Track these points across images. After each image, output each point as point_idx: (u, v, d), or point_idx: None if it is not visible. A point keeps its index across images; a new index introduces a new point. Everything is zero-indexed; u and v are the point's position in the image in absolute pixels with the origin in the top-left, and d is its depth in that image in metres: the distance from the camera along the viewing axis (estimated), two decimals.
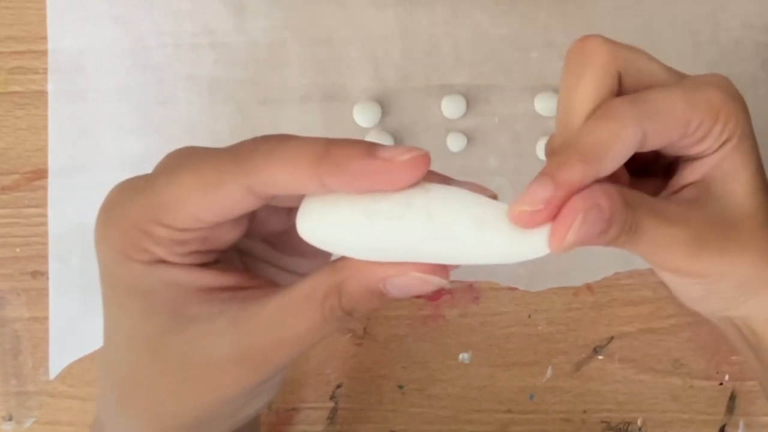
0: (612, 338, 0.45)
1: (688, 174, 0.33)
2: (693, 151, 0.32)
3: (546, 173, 0.28)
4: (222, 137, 0.45)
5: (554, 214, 0.28)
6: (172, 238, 0.29)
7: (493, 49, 0.46)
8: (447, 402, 0.46)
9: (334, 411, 0.45)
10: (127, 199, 0.30)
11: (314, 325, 0.29)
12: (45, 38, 0.46)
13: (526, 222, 0.27)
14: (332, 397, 0.45)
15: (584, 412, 0.46)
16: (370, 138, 0.45)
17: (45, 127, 0.46)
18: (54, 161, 0.45)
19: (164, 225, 0.29)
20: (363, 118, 0.45)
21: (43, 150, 0.46)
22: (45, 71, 0.46)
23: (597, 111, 0.30)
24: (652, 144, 0.30)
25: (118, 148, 0.45)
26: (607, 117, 0.30)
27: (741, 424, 0.45)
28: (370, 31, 0.46)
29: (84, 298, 0.45)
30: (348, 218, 0.27)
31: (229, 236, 0.31)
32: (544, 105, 0.45)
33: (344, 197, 0.28)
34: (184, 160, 0.30)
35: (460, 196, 0.28)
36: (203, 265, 0.31)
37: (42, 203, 0.46)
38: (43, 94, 0.46)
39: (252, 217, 0.32)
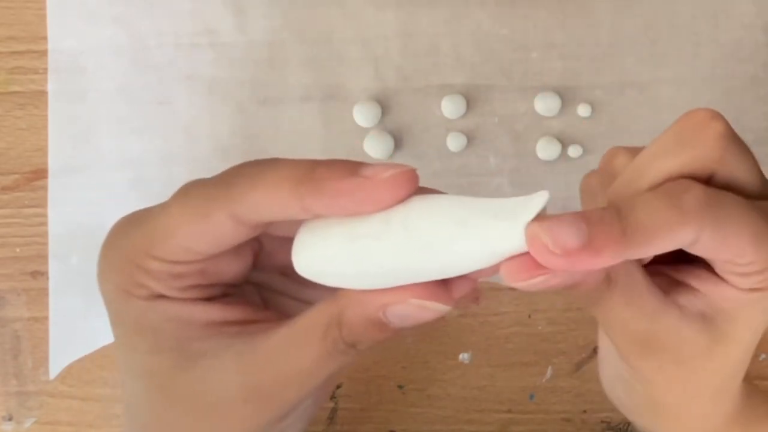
0: None
1: (704, 281, 0.30)
2: (725, 274, 0.29)
3: (588, 230, 0.25)
4: (222, 137, 0.45)
5: (568, 265, 0.25)
6: (168, 272, 0.29)
7: (493, 49, 0.46)
8: (447, 402, 0.46)
9: (334, 411, 0.45)
10: (123, 233, 0.30)
11: (318, 359, 0.28)
12: (45, 38, 0.46)
13: (536, 252, 0.25)
14: (332, 397, 0.45)
15: (584, 412, 0.45)
16: (371, 138, 0.45)
17: (45, 127, 0.46)
18: (54, 161, 0.45)
19: (157, 258, 0.28)
20: (363, 118, 0.45)
21: (43, 150, 0.46)
22: (45, 71, 0.46)
23: (671, 184, 0.27)
24: (695, 252, 0.28)
25: (118, 148, 0.45)
26: (675, 205, 0.26)
27: None
28: (370, 31, 0.46)
29: (84, 298, 0.45)
30: (335, 246, 0.26)
31: (230, 269, 0.30)
32: (544, 105, 0.45)
33: (333, 225, 0.27)
34: (181, 191, 0.29)
35: (436, 202, 0.26)
36: (208, 300, 0.30)
37: (42, 203, 0.46)
38: (43, 94, 0.46)
39: (257, 249, 0.31)
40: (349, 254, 0.26)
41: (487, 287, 0.45)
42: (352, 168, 0.26)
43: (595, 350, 0.45)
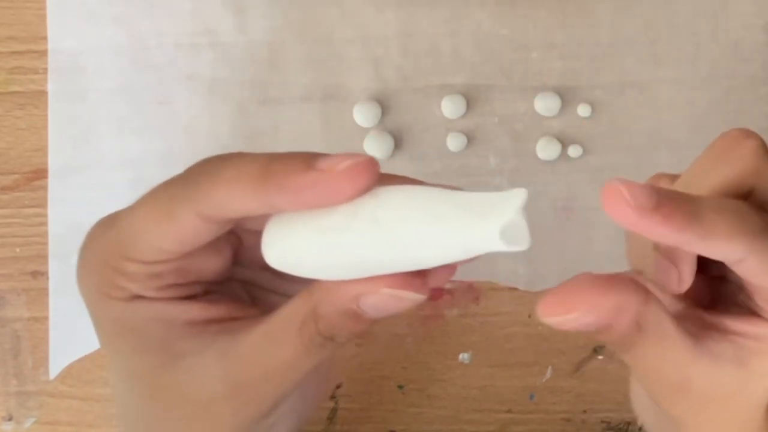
0: None
1: (735, 321, 0.30)
2: (756, 301, 0.29)
3: (660, 193, 0.26)
4: (222, 137, 0.45)
5: (633, 219, 0.25)
6: (144, 273, 0.29)
7: (493, 49, 0.46)
8: (447, 402, 0.46)
9: (334, 411, 0.45)
10: (98, 236, 0.30)
11: (296, 354, 0.28)
12: (45, 38, 0.46)
13: (608, 204, 0.25)
14: (332, 397, 0.45)
15: (584, 412, 0.45)
16: (371, 138, 0.45)
17: (45, 127, 0.46)
18: (54, 161, 0.45)
19: (131, 260, 0.28)
20: (363, 118, 0.45)
21: (43, 150, 0.46)
22: (45, 71, 0.46)
23: (734, 201, 0.28)
24: (739, 270, 0.28)
25: (118, 148, 0.45)
26: (739, 219, 0.27)
27: None
28: (370, 31, 0.46)
29: None
30: (302, 239, 0.26)
31: (209, 266, 0.30)
32: (544, 105, 0.45)
33: (300, 217, 0.26)
34: (149, 191, 0.29)
35: (410, 193, 0.26)
36: (188, 298, 0.30)
37: (42, 203, 0.46)
38: (43, 94, 0.46)
39: (237, 245, 0.31)
40: (319, 247, 0.26)
41: (488, 287, 0.45)
42: (308, 161, 0.26)
43: (595, 350, 0.45)
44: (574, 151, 0.45)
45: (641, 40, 0.46)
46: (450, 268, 0.27)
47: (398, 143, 0.45)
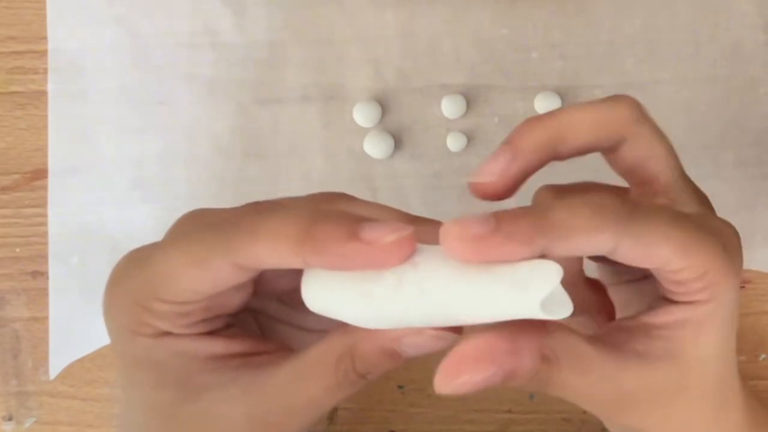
0: None
1: (653, 314, 0.30)
2: (667, 286, 0.29)
3: (497, 216, 0.26)
4: (222, 137, 0.45)
5: (481, 252, 0.26)
6: (173, 312, 0.29)
7: (493, 49, 0.46)
8: (447, 402, 0.46)
9: (334, 411, 0.45)
10: (128, 274, 0.30)
11: (328, 389, 0.28)
12: (45, 38, 0.46)
13: (451, 248, 0.26)
14: None
15: (584, 412, 0.45)
16: (371, 138, 0.45)
17: (45, 127, 0.46)
18: (54, 161, 0.45)
19: (163, 300, 0.29)
20: (363, 118, 0.45)
21: (43, 150, 0.46)
22: (45, 71, 0.46)
23: (591, 195, 0.29)
24: (618, 259, 0.28)
25: (118, 148, 0.45)
26: (595, 212, 0.27)
27: None
28: (370, 31, 0.46)
29: (84, 298, 0.45)
30: (345, 299, 0.27)
31: (233, 302, 0.30)
32: (544, 105, 0.45)
33: (343, 274, 0.27)
34: (180, 232, 0.30)
35: (449, 261, 0.27)
36: (211, 333, 0.30)
37: (42, 203, 0.46)
38: (43, 94, 0.46)
39: (258, 279, 0.31)
40: (364, 308, 0.27)
41: None
42: (352, 229, 0.26)
43: None
44: None
45: (641, 40, 0.46)
46: None
47: (398, 143, 0.45)
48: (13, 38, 0.46)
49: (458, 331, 0.28)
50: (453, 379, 0.26)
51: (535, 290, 0.26)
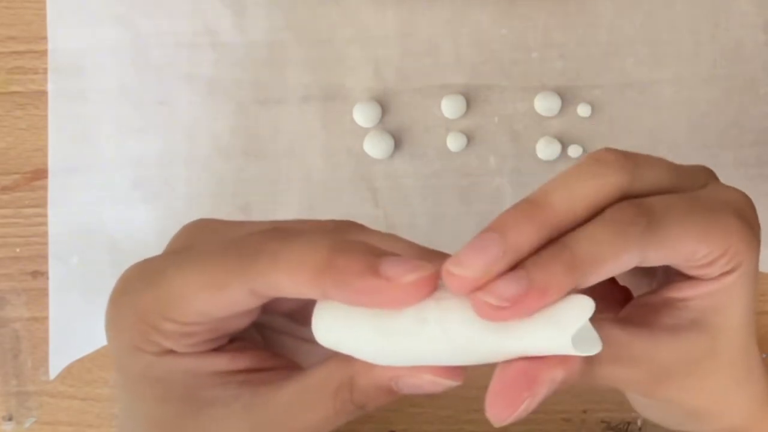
0: None
1: (678, 288, 0.30)
2: (692, 272, 0.30)
3: (527, 269, 0.26)
4: (222, 137, 0.45)
5: (519, 312, 0.26)
6: (179, 331, 0.29)
7: (493, 49, 0.46)
8: (447, 402, 0.45)
9: None
10: (135, 289, 0.30)
11: (326, 417, 0.28)
12: (45, 38, 0.46)
13: (487, 314, 0.26)
14: None
15: (584, 412, 0.45)
16: (371, 138, 0.45)
17: (45, 127, 0.46)
18: (54, 161, 0.45)
19: (171, 320, 0.29)
20: (363, 118, 0.45)
21: (43, 150, 0.46)
22: (45, 71, 0.46)
23: (606, 215, 0.28)
24: (648, 265, 0.28)
25: (118, 148, 0.45)
26: (614, 234, 0.27)
27: None
28: (370, 31, 0.46)
29: (84, 298, 0.45)
30: (360, 334, 0.27)
31: (238, 324, 0.30)
32: (544, 105, 0.45)
33: (358, 310, 0.27)
34: (193, 248, 0.29)
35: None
36: (215, 350, 0.30)
37: (42, 203, 0.46)
38: (43, 94, 0.46)
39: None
40: (377, 342, 0.27)
41: None
42: (373, 264, 0.26)
43: None
44: (574, 151, 0.45)
45: (641, 40, 0.46)
46: None
47: (398, 143, 0.45)
48: (13, 38, 0.46)
49: (461, 376, 0.27)
50: (512, 412, 0.27)
51: (566, 328, 0.26)
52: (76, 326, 0.45)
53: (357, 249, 0.27)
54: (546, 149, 0.45)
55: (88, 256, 0.45)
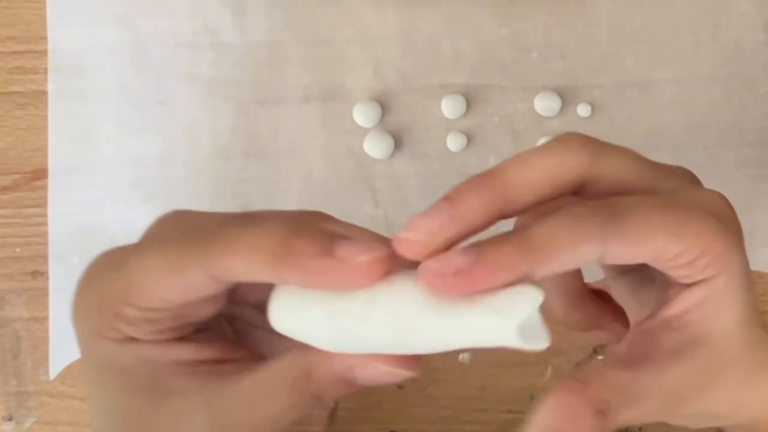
0: None
1: (671, 305, 0.30)
2: (671, 273, 0.29)
3: (479, 245, 0.26)
4: (222, 137, 0.45)
5: (465, 284, 0.26)
6: (141, 317, 0.29)
7: (493, 49, 0.46)
8: (447, 402, 0.46)
9: (334, 411, 0.45)
10: (101, 277, 0.30)
11: (284, 409, 0.29)
12: (45, 38, 0.46)
13: (433, 283, 0.26)
14: None
15: None
16: (371, 138, 0.45)
17: (45, 127, 0.46)
18: (54, 161, 0.45)
19: (134, 306, 0.29)
20: (363, 118, 0.45)
21: (43, 150, 0.46)
22: (45, 71, 0.46)
23: (562, 209, 0.27)
24: (615, 261, 0.28)
25: (117, 148, 0.45)
26: (572, 223, 0.27)
27: None
28: (370, 31, 0.46)
29: None
30: (313, 317, 0.27)
31: (203, 312, 0.31)
32: (544, 105, 0.45)
33: (311, 291, 0.27)
34: (158, 237, 0.30)
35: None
36: (180, 339, 0.30)
37: (42, 203, 0.46)
38: (43, 94, 0.46)
39: (232, 289, 0.31)
40: (330, 327, 0.27)
41: None
42: (327, 246, 0.26)
43: (595, 350, 0.45)
44: None
45: (641, 40, 0.46)
46: None
47: (398, 143, 0.45)
48: (13, 38, 0.46)
49: (415, 366, 0.27)
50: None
51: (512, 316, 0.25)
52: None
53: (312, 233, 0.27)
54: None
55: (88, 256, 0.45)
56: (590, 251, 0.27)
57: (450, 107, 0.45)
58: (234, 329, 0.34)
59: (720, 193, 0.30)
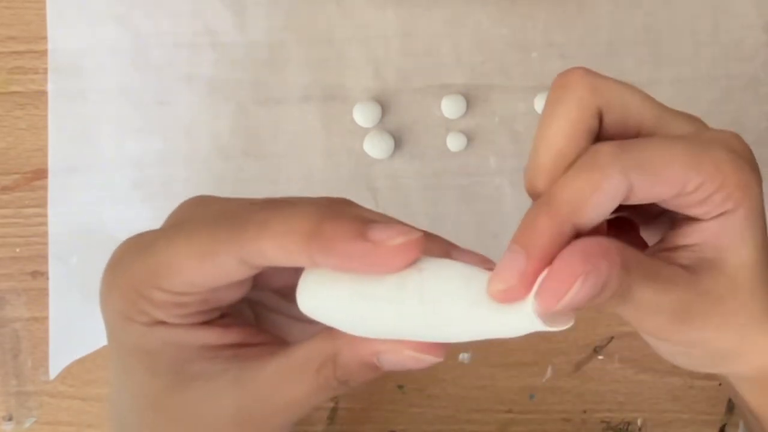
0: (612, 338, 0.45)
1: (685, 235, 0.30)
2: (690, 211, 0.29)
3: (517, 241, 0.26)
4: (222, 137, 0.45)
5: (532, 283, 0.26)
6: (171, 302, 0.29)
7: (493, 49, 0.46)
8: (447, 402, 0.46)
9: (334, 411, 0.45)
10: (129, 260, 0.30)
11: (310, 393, 0.29)
12: (45, 38, 0.46)
13: (506, 299, 0.26)
14: (332, 397, 0.45)
15: (584, 412, 0.46)
16: (371, 138, 0.45)
17: (45, 127, 0.46)
18: (54, 161, 0.45)
19: (162, 289, 0.29)
20: (363, 118, 0.45)
21: (43, 150, 0.46)
22: (45, 71, 0.46)
23: (578, 160, 0.28)
24: (640, 198, 0.28)
25: (117, 148, 0.45)
26: (588, 166, 0.27)
27: (741, 424, 0.45)
28: (370, 31, 0.46)
29: (84, 298, 0.45)
30: (342, 299, 0.27)
31: (230, 296, 0.31)
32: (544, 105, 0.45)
33: (341, 276, 0.27)
34: (186, 221, 0.30)
35: (454, 274, 0.27)
36: (206, 323, 0.31)
37: (42, 203, 0.46)
38: (43, 94, 0.46)
39: (257, 274, 0.32)
40: (359, 310, 0.27)
41: None
42: (360, 229, 0.26)
43: (595, 350, 0.45)
44: None
45: (641, 40, 0.46)
46: None
47: (398, 143, 0.45)
48: (13, 38, 0.46)
49: (441, 353, 0.28)
50: (556, 302, 0.26)
51: (530, 300, 0.26)
52: (76, 326, 0.45)
53: (345, 216, 0.27)
54: None
55: (88, 256, 0.45)
56: (618, 189, 0.27)
57: (450, 107, 0.45)
58: (254, 313, 0.34)
59: (732, 131, 0.30)
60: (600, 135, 0.30)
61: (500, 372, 0.45)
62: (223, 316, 0.31)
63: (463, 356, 0.45)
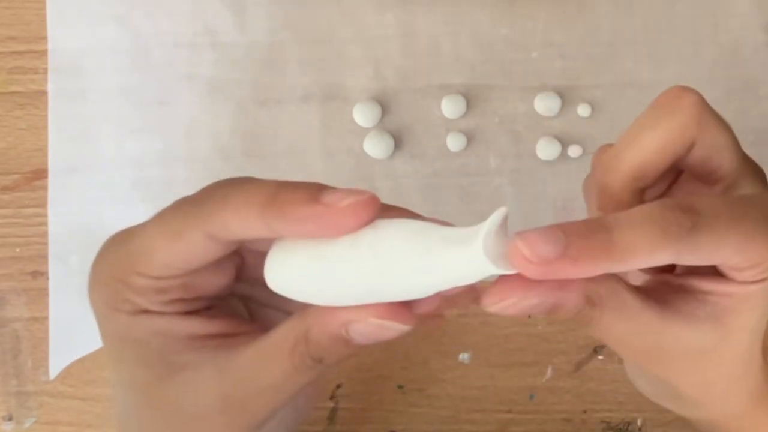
0: None
1: (703, 281, 0.30)
2: (724, 271, 0.30)
3: (565, 229, 0.26)
4: (222, 137, 0.45)
5: (545, 272, 0.26)
6: (151, 287, 0.29)
7: (493, 49, 0.46)
8: (447, 402, 0.46)
9: (334, 411, 0.45)
10: (111, 251, 0.31)
11: (286, 374, 0.29)
12: (45, 38, 0.46)
13: (519, 263, 0.26)
14: (332, 397, 0.45)
15: (584, 412, 0.46)
16: (371, 138, 0.45)
17: (45, 127, 0.46)
18: (54, 161, 0.45)
19: (140, 274, 0.29)
20: (363, 118, 0.45)
21: (43, 150, 0.46)
22: (45, 71, 0.46)
23: (655, 210, 0.27)
24: (680, 263, 0.28)
25: (117, 148, 0.45)
26: (656, 231, 0.27)
27: None
28: (370, 31, 0.46)
29: (84, 298, 0.45)
30: (303, 267, 0.27)
31: (213, 283, 0.31)
32: (544, 105, 0.45)
33: (302, 245, 0.27)
34: (161, 211, 0.30)
35: (407, 227, 0.27)
36: (190, 313, 0.31)
37: (42, 203, 0.46)
38: (43, 94, 0.46)
39: (239, 263, 0.32)
40: (317, 274, 0.27)
41: (487, 287, 0.45)
42: (313, 194, 0.27)
43: (595, 350, 0.45)
44: (574, 151, 0.45)
45: (641, 40, 0.46)
46: (433, 298, 0.28)
47: (398, 143, 0.45)
48: (13, 38, 0.46)
49: (406, 318, 0.28)
50: (500, 300, 0.27)
51: (477, 240, 0.26)
52: (76, 326, 0.45)
53: (300, 185, 0.28)
54: (546, 149, 0.45)
55: (88, 256, 0.45)
56: (663, 259, 0.27)
57: (450, 107, 0.45)
58: (249, 310, 0.34)
59: None
60: (680, 160, 0.31)
61: (500, 372, 0.45)
62: (210, 308, 0.32)
63: (463, 356, 0.45)
